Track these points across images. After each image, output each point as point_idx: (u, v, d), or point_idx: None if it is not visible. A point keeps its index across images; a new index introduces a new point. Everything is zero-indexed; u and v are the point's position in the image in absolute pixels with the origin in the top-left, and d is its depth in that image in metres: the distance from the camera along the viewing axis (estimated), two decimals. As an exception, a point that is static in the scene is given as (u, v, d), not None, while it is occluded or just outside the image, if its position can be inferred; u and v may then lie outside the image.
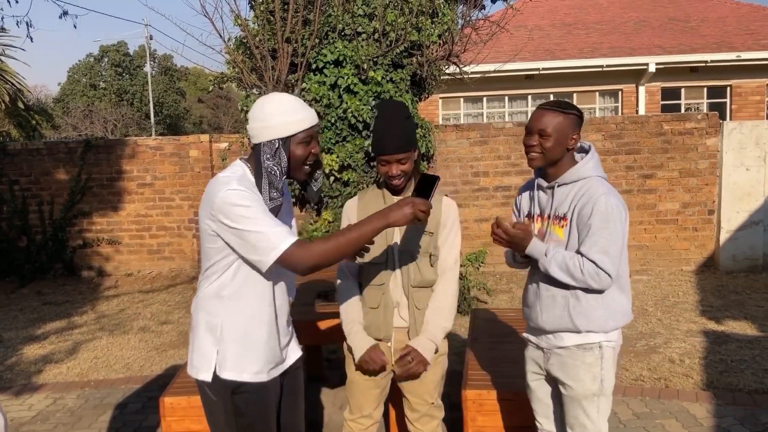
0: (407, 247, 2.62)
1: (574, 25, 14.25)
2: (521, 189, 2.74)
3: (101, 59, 44.75)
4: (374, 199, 2.70)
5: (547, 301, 2.50)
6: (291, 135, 2.14)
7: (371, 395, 2.74)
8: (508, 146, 8.49)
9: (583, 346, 2.47)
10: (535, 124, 2.43)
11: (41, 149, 9.06)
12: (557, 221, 2.47)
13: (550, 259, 2.40)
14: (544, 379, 2.67)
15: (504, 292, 7.49)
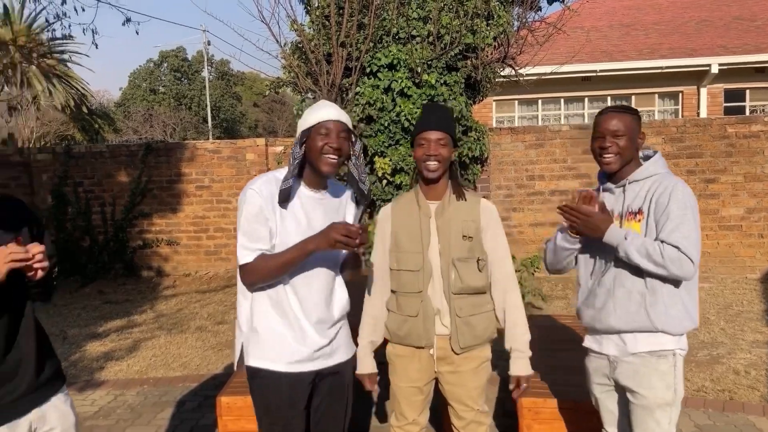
0: (447, 253, 2.57)
1: (632, 26, 13.93)
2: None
3: (161, 64, 46.00)
4: (408, 204, 2.66)
5: (622, 298, 2.42)
6: (311, 126, 2.32)
7: (415, 402, 2.71)
8: (565, 149, 8.35)
9: (657, 353, 2.40)
10: (607, 127, 2.44)
11: (104, 152, 9.35)
12: (632, 216, 2.43)
13: (630, 243, 2.33)
14: (612, 390, 2.58)
15: (560, 298, 7.36)
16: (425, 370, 2.67)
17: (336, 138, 2.30)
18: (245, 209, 2.29)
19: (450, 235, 2.57)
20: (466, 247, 2.57)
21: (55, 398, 2.25)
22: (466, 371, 2.64)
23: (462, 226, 2.58)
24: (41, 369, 2.19)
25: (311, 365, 2.39)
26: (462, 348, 2.60)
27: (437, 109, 2.63)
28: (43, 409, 2.20)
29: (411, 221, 2.62)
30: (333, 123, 2.31)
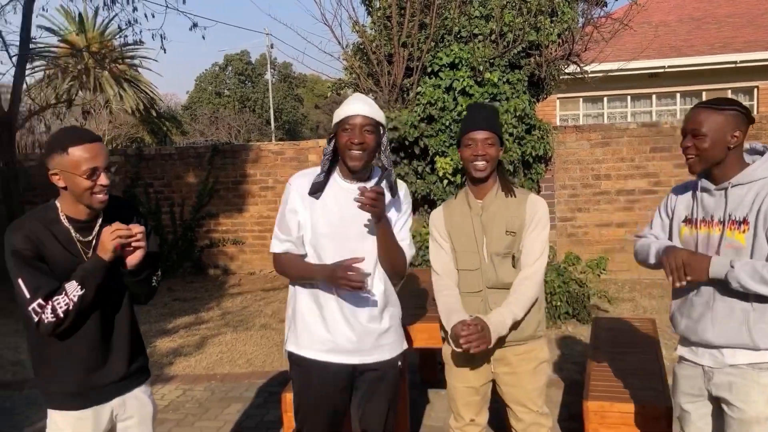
0: (492, 249, 2.56)
1: (703, 20, 13.45)
2: (675, 190, 2.49)
3: (226, 68, 47.09)
4: (459, 205, 2.66)
5: (722, 313, 2.24)
6: (338, 122, 2.40)
7: (472, 402, 2.69)
8: (632, 148, 8.13)
9: (758, 366, 2.21)
10: (688, 125, 2.26)
11: (173, 154, 9.65)
12: (736, 226, 2.21)
13: (739, 271, 2.13)
14: (703, 401, 2.39)
15: (626, 300, 7.17)
16: (482, 371, 2.65)
17: (359, 133, 2.34)
18: (283, 200, 2.51)
19: (493, 229, 2.56)
20: (507, 242, 2.55)
21: (138, 390, 2.39)
22: (523, 372, 2.60)
23: (507, 221, 2.55)
24: (131, 361, 2.34)
25: (345, 358, 2.45)
26: (508, 341, 2.55)
27: (482, 108, 2.62)
28: (125, 397, 2.33)
29: (464, 221, 2.62)
30: (358, 118, 2.35)
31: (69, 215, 2.18)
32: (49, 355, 2.19)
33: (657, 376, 3.46)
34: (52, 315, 2.03)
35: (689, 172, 2.32)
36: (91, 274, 2.09)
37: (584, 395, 3.27)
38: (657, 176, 8.06)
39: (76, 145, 2.10)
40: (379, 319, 2.50)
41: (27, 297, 2.04)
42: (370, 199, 2.26)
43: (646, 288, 7.63)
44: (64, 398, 2.21)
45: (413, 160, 7.20)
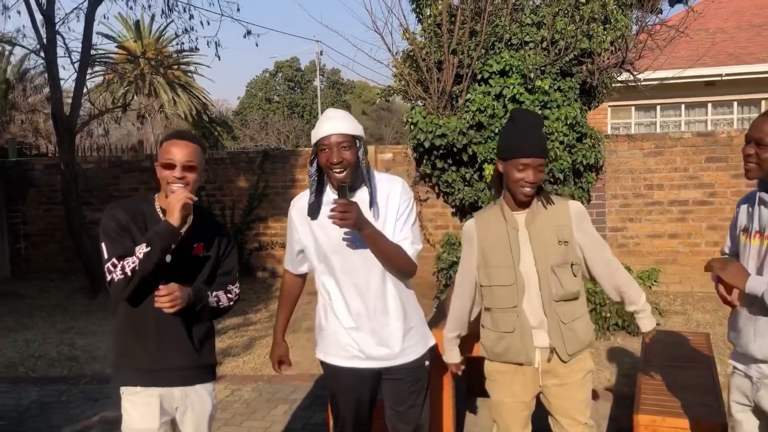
0: (544, 260, 2.50)
1: (763, 26, 13.06)
2: (741, 201, 2.48)
3: (276, 74, 47.83)
4: (495, 220, 2.59)
5: (764, 327, 2.24)
6: (314, 143, 2.44)
7: (521, 417, 2.66)
8: (686, 158, 7.95)
9: None
10: (753, 133, 2.23)
11: (225, 158, 9.85)
12: None
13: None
14: (751, 411, 2.40)
15: (678, 313, 7.00)
16: (530, 385, 2.61)
17: (337, 152, 2.37)
18: (288, 225, 2.68)
19: (546, 241, 2.51)
20: (561, 252, 2.51)
21: (202, 386, 2.51)
22: (572, 383, 2.57)
23: (556, 231, 2.51)
24: (201, 354, 2.48)
25: (369, 363, 2.53)
26: (570, 355, 2.53)
27: (532, 124, 2.52)
28: (188, 390, 2.46)
29: (499, 235, 2.56)
30: (332, 137, 2.38)
31: (162, 205, 2.41)
32: (127, 331, 2.40)
33: (711, 392, 3.38)
34: (121, 272, 2.22)
35: (745, 177, 2.31)
36: (158, 234, 2.25)
37: (635, 409, 3.22)
38: (712, 187, 7.86)
39: (166, 141, 2.38)
40: (399, 323, 2.54)
41: (105, 257, 2.27)
42: (339, 212, 2.30)
43: (699, 301, 7.44)
44: (133, 375, 2.38)
45: (461, 167, 7.19)
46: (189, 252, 2.41)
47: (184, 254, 2.39)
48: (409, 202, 2.55)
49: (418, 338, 2.63)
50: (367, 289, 2.51)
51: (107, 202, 9.89)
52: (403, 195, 2.54)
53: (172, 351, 2.39)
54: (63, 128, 8.45)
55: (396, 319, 2.54)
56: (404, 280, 2.58)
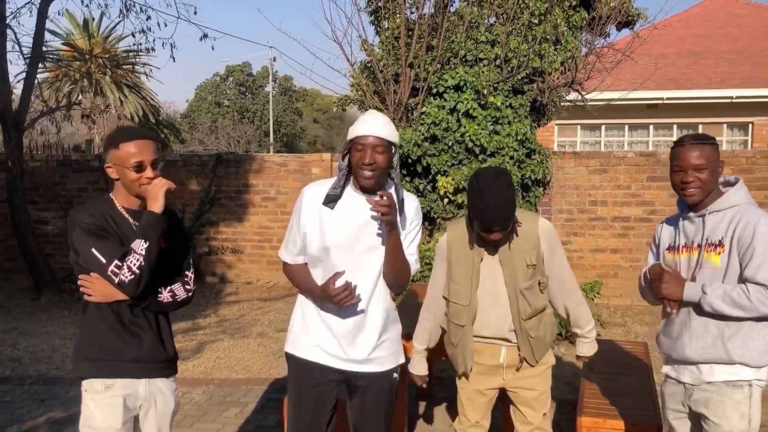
0: (513, 283, 2.67)
1: (702, 55, 13.72)
2: (661, 224, 2.70)
3: (227, 78, 47.30)
4: (461, 239, 2.74)
5: (697, 330, 2.41)
6: (351, 140, 2.47)
7: (479, 404, 2.85)
8: (629, 176, 8.30)
9: (732, 383, 2.38)
10: (689, 161, 2.40)
11: (177, 161, 9.75)
12: (712, 248, 2.39)
13: (711, 295, 2.31)
14: (686, 417, 2.57)
15: (618, 325, 7.30)
16: (492, 376, 2.79)
17: (370, 154, 2.41)
18: (295, 209, 2.60)
19: (515, 266, 2.66)
20: (529, 274, 2.67)
21: (164, 381, 2.51)
22: (532, 376, 2.76)
23: (525, 255, 2.67)
24: (163, 347, 2.48)
25: (338, 363, 2.55)
26: (537, 360, 2.75)
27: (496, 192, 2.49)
28: (151, 389, 2.45)
29: (465, 259, 2.73)
30: (370, 138, 2.41)
31: (124, 205, 2.41)
32: (91, 326, 2.38)
33: (648, 397, 3.58)
34: (129, 273, 2.22)
35: (689, 203, 2.47)
36: (150, 226, 2.28)
37: (578, 412, 3.39)
38: (653, 204, 8.23)
39: (126, 141, 2.33)
40: (375, 331, 2.57)
41: (104, 262, 2.23)
42: (386, 206, 2.33)
43: (637, 314, 7.76)
44: (95, 366, 2.37)
45: (415, 177, 7.35)
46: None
47: None
48: (419, 222, 2.63)
49: (391, 352, 2.64)
50: (358, 290, 2.50)
51: (53, 201, 9.69)
52: (417, 213, 2.62)
53: (134, 344, 2.39)
54: (10, 124, 8.25)
55: (374, 326, 2.56)
56: (394, 289, 2.62)
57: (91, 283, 2.31)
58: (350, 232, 2.49)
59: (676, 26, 14.55)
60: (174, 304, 2.45)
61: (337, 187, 2.51)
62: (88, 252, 2.25)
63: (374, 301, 2.56)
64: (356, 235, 2.49)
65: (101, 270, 2.24)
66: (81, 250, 2.27)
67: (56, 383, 5.28)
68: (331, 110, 42.36)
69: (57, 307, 8.10)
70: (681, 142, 2.45)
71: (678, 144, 2.46)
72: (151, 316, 2.44)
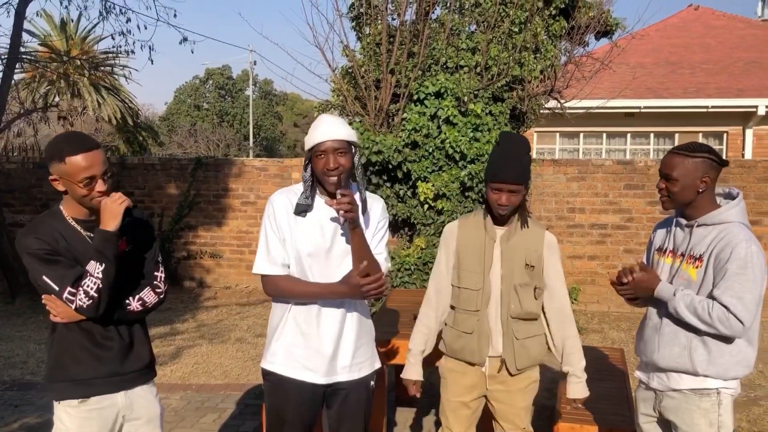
0: (509, 278, 2.67)
1: (678, 64, 13.94)
2: (658, 225, 2.73)
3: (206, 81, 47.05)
4: (475, 227, 2.75)
5: (667, 336, 2.45)
6: (310, 148, 2.44)
7: (462, 416, 2.82)
8: (607, 184, 8.40)
9: (699, 391, 2.41)
10: (662, 169, 2.47)
11: (155, 164, 9.69)
12: (691, 261, 2.44)
13: (679, 300, 2.36)
14: (656, 422, 2.60)
15: (595, 332, 7.37)
16: (476, 387, 2.77)
17: (333, 159, 2.39)
18: (266, 220, 2.51)
19: (514, 261, 2.68)
20: (527, 274, 2.67)
21: (143, 388, 2.44)
22: (515, 390, 2.74)
23: (526, 254, 2.68)
24: (137, 356, 2.41)
25: (317, 377, 2.50)
26: (518, 369, 2.71)
27: (516, 152, 2.60)
28: (131, 397, 2.39)
29: (476, 242, 2.72)
30: (328, 143, 2.38)
31: (74, 217, 2.28)
32: (62, 345, 2.29)
33: (624, 402, 3.63)
34: (86, 297, 2.13)
35: (663, 208, 2.55)
36: (103, 247, 2.17)
37: (555, 417, 3.42)
38: (630, 212, 8.33)
39: (73, 155, 2.15)
40: (353, 337, 2.55)
41: (57, 289, 2.14)
42: (346, 203, 2.32)
43: (614, 321, 7.84)
44: (69, 387, 2.29)
45: (395, 183, 7.36)
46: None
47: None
48: (386, 221, 2.63)
49: (366, 357, 2.62)
50: (334, 302, 2.49)
51: (29, 204, 9.56)
52: (383, 212, 2.62)
53: (108, 359, 2.31)
54: (-15, 126, 8.14)
55: (351, 332, 2.54)
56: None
57: (55, 304, 2.21)
58: (322, 238, 2.48)
59: (654, 36, 14.78)
60: (145, 311, 2.37)
61: (307, 197, 2.48)
62: (40, 279, 2.16)
63: (348, 306, 2.54)
64: (328, 242, 2.49)
65: (57, 296, 2.15)
66: (34, 276, 2.18)
67: (31, 389, 5.21)
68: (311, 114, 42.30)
69: (31, 311, 8.00)
70: (671, 149, 2.51)
71: (669, 151, 2.52)
72: (124, 327, 2.36)
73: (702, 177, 2.41)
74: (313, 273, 2.48)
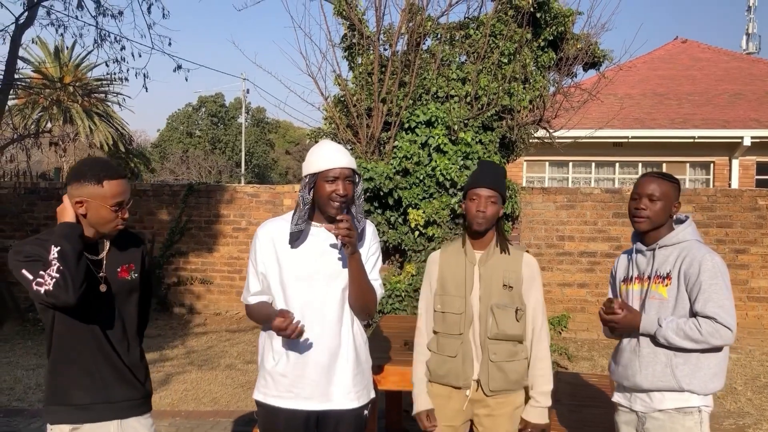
0: (486, 299, 2.70)
1: (665, 96, 14.17)
2: (618, 259, 2.84)
3: (199, 109, 47.29)
4: (455, 253, 2.80)
5: (647, 358, 2.52)
6: (318, 172, 2.43)
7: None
8: (596, 212, 8.49)
9: (683, 410, 2.47)
10: (645, 189, 2.57)
11: (148, 190, 9.71)
12: (660, 280, 2.54)
13: (666, 329, 2.44)
14: None
15: (585, 359, 7.39)
16: (462, 411, 2.78)
17: (343, 185, 2.41)
18: (251, 253, 2.56)
19: (491, 282, 2.71)
20: (506, 295, 2.70)
21: (138, 419, 2.44)
22: (500, 415, 2.74)
23: (504, 275, 2.71)
24: (138, 384, 2.44)
25: (310, 404, 2.48)
26: (492, 391, 2.69)
27: (491, 167, 2.79)
28: (125, 427, 2.39)
29: (457, 267, 2.77)
30: (338, 170, 2.41)
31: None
32: (61, 366, 2.31)
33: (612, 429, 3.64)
34: (50, 279, 2.11)
35: (637, 230, 2.64)
36: (59, 234, 2.19)
37: (545, 443, 3.43)
38: (618, 240, 8.41)
39: (111, 179, 2.27)
40: (348, 365, 2.53)
41: (30, 278, 2.13)
42: (345, 228, 2.33)
43: (604, 348, 7.87)
44: (64, 412, 2.30)
45: (386, 210, 7.42)
46: (116, 277, 2.38)
47: (113, 281, 2.37)
48: (378, 246, 2.64)
49: (362, 386, 2.58)
50: (322, 322, 2.47)
51: (19, 229, 9.54)
52: (374, 237, 2.62)
53: (106, 386, 2.33)
54: (-22, 151, 8.16)
55: (346, 360, 2.51)
56: (361, 317, 2.59)
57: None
58: (310, 263, 2.49)
59: (641, 68, 15.04)
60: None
61: (300, 223, 2.49)
62: (18, 273, 2.17)
63: (344, 332, 2.52)
64: (317, 266, 2.49)
65: (29, 286, 2.15)
66: (15, 273, 2.19)
67: (18, 415, 5.17)
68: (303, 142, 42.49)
69: (19, 337, 7.94)
70: (645, 174, 2.65)
71: (642, 176, 2.65)
72: (124, 352, 2.37)
73: (675, 201, 2.59)
74: (296, 297, 2.48)
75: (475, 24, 7.60)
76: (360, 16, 7.45)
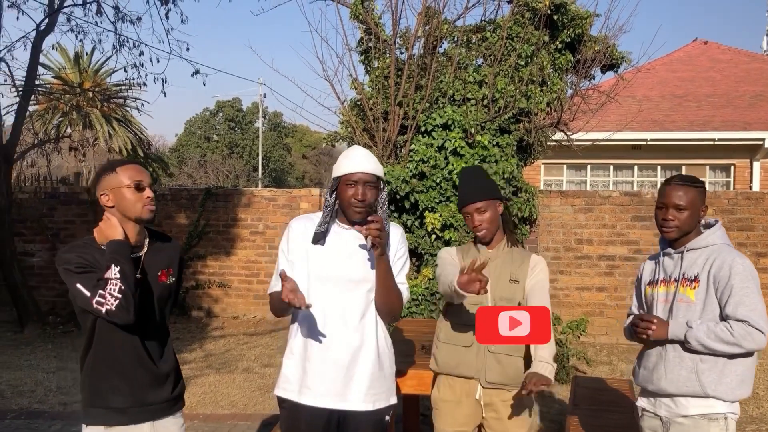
0: (492, 290, 2.72)
1: (684, 98, 14.04)
2: (644, 263, 2.82)
3: (216, 113, 47.62)
4: (469, 251, 2.89)
5: (673, 362, 2.49)
6: (340, 176, 2.47)
7: None
8: (614, 215, 8.42)
9: (708, 416, 2.44)
10: (671, 199, 2.53)
11: (166, 194, 9.78)
12: (688, 283, 2.51)
13: (696, 331, 2.41)
14: None
15: (604, 363, 7.32)
16: (471, 415, 2.77)
17: (362, 190, 2.43)
18: (282, 242, 2.59)
19: (499, 276, 2.75)
20: (511, 289, 2.74)
21: (171, 419, 2.47)
22: (510, 419, 2.74)
23: (511, 269, 2.76)
24: (172, 385, 2.47)
25: (331, 402, 2.47)
26: (488, 382, 2.70)
27: (472, 177, 2.81)
28: (157, 427, 2.42)
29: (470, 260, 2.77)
30: (360, 174, 2.43)
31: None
32: (99, 369, 2.36)
33: (633, 434, 3.60)
34: (112, 299, 2.19)
35: (667, 238, 2.61)
36: (115, 252, 2.26)
37: (564, 448, 3.40)
38: (637, 244, 8.33)
39: (122, 165, 2.41)
40: (369, 366, 2.51)
41: (88, 295, 2.20)
42: (375, 229, 2.33)
43: (623, 353, 7.79)
44: (99, 414, 2.35)
45: (403, 213, 7.41)
46: (156, 281, 2.42)
47: (153, 284, 2.41)
48: (406, 251, 2.64)
49: (384, 389, 2.57)
50: (345, 321, 2.48)
51: (40, 233, 9.64)
52: (402, 242, 2.62)
53: (145, 388, 2.37)
54: (0, 157, 8.26)
55: (368, 360, 2.51)
56: (386, 319, 2.58)
57: None
58: (337, 264, 2.50)
59: (660, 70, 14.91)
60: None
61: (323, 224, 2.51)
62: (74, 287, 2.23)
63: (367, 333, 2.51)
64: (343, 267, 2.50)
65: (85, 301, 2.21)
66: (69, 287, 2.26)
67: (38, 417, 5.22)
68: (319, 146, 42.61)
69: (40, 340, 8.03)
70: (669, 181, 2.59)
71: (666, 182, 2.60)
72: (159, 356, 2.42)
73: (702, 206, 2.56)
74: (322, 298, 2.48)
75: (491, 27, 7.58)
76: (376, 20, 7.46)
